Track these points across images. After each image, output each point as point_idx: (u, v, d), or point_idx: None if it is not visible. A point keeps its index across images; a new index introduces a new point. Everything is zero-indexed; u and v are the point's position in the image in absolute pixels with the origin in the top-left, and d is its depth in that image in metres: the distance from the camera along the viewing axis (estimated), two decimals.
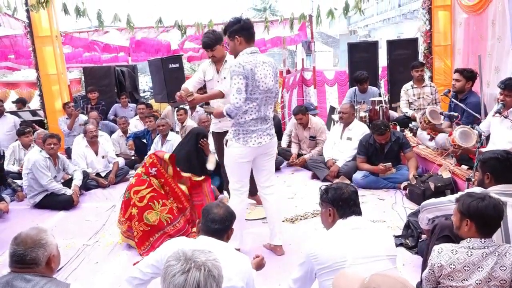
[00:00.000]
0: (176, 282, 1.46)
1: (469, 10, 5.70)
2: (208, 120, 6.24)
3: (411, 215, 3.63)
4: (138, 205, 3.66)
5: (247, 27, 3.22)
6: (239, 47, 3.23)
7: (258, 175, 3.50)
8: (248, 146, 3.24)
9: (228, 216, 2.29)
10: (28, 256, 1.89)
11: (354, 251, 2.06)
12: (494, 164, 2.57)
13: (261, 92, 3.18)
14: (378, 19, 21.76)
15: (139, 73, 12.34)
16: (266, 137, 3.31)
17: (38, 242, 1.93)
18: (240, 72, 3.07)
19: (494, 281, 2.12)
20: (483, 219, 2.16)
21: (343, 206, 2.21)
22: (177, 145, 5.10)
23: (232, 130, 3.29)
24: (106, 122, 7.86)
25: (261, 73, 3.15)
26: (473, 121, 4.31)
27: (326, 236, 2.22)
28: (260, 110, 3.23)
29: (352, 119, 5.67)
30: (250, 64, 3.10)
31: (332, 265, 2.06)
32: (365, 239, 2.12)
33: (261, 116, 3.25)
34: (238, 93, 3.08)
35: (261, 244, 3.70)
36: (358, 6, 6.71)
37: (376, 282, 1.44)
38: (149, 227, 3.65)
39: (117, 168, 5.97)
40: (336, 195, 2.24)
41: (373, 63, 7.60)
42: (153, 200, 3.69)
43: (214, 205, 2.34)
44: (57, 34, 7.85)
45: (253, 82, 3.12)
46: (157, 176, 3.79)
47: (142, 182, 3.73)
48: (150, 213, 3.66)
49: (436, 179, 4.38)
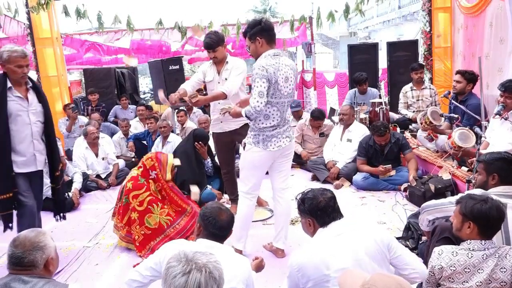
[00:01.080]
0: (177, 283, 1.46)
1: (467, 12, 5.71)
2: (207, 122, 6.24)
3: (412, 217, 3.63)
4: (138, 209, 3.66)
5: (268, 28, 3.17)
6: (261, 49, 3.16)
7: (275, 176, 3.46)
8: (268, 151, 3.22)
9: (232, 221, 2.30)
10: (26, 258, 1.89)
11: (337, 261, 2.00)
12: (502, 165, 2.57)
13: (282, 96, 3.14)
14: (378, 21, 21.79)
15: (140, 74, 12.37)
16: (285, 139, 3.28)
17: (37, 245, 1.93)
18: (263, 75, 3.02)
19: (494, 283, 2.12)
20: (487, 222, 2.16)
21: (322, 216, 2.15)
22: (177, 146, 5.12)
23: (252, 134, 3.26)
24: (107, 123, 7.86)
25: (283, 76, 3.10)
26: (474, 123, 4.31)
27: (309, 247, 2.13)
28: (281, 116, 3.20)
29: (352, 120, 5.67)
30: (273, 67, 3.06)
31: (316, 279, 2.02)
32: (348, 244, 2.05)
33: (281, 122, 3.23)
34: (260, 97, 3.02)
35: (261, 245, 3.69)
36: (358, 8, 6.72)
37: (373, 280, 1.46)
38: (150, 231, 3.65)
39: (117, 170, 5.97)
40: (313, 205, 2.17)
41: (373, 65, 7.61)
42: (152, 203, 3.68)
43: (218, 210, 2.27)
44: (58, 36, 7.87)
45: (275, 86, 3.08)
46: (155, 180, 3.78)
47: (140, 186, 3.72)
48: (150, 216, 3.66)
49: (436, 180, 4.38)
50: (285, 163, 3.42)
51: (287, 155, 3.40)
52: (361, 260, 2.02)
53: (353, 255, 2.02)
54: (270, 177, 3.49)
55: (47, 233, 2.04)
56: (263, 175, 3.40)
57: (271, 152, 3.24)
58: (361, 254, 2.03)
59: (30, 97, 3.37)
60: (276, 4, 32.53)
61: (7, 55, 3.21)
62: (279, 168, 3.42)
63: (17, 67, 3.22)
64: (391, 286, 1.43)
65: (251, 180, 3.35)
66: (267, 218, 4.33)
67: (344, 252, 2.03)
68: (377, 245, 2.08)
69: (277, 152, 3.27)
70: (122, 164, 6.25)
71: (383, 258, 2.09)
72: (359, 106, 6.43)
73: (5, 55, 3.21)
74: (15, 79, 3.27)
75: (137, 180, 3.75)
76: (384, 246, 2.10)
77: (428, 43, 6.89)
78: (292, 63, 3.26)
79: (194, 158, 4.65)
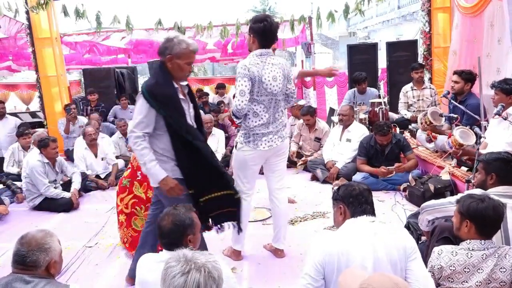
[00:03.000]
0: (176, 283, 1.46)
1: (466, 12, 5.70)
2: (211, 121, 6.23)
3: (411, 217, 3.63)
4: (125, 211, 3.63)
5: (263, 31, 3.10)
6: (252, 45, 3.17)
7: (270, 177, 3.44)
8: (258, 150, 3.19)
9: (174, 228, 2.04)
10: (29, 258, 1.90)
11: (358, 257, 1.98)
12: (500, 165, 2.57)
13: (268, 94, 3.13)
14: (377, 21, 21.81)
15: (139, 74, 12.35)
16: (277, 139, 3.26)
17: (42, 246, 1.94)
18: (245, 74, 3.04)
19: (494, 283, 2.12)
20: (483, 221, 2.16)
21: (353, 203, 2.14)
22: None
23: (242, 133, 3.24)
24: (107, 123, 7.86)
25: (268, 75, 3.10)
26: (473, 123, 4.31)
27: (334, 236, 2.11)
28: (269, 113, 3.18)
29: (352, 121, 5.67)
30: (256, 66, 3.06)
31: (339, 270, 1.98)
32: (373, 243, 2.02)
33: (270, 120, 3.20)
34: (241, 95, 3.03)
35: (261, 245, 3.69)
36: (358, 8, 6.73)
37: (371, 279, 1.47)
38: (137, 233, 3.59)
39: (116, 170, 5.96)
40: (347, 191, 2.19)
41: (372, 65, 7.62)
42: (135, 206, 3.59)
43: (161, 217, 2.13)
44: (57, 35, 7.86)
45: (259, 84, 3.07)
46: (142, 180, 3.61)
47: (123, 190, 3.65)
48: (136, 219, 3.61)
49: (436, 180, 4.39)
50: (279, 163, 3.40)
51: (280, 154, 3.37)
52: (381, 263, 1.99)
53: (375, 255, 1.99)
54: (265, 177, 3.48)
55: (55, 236, 2.04)
56: (255, 175, 3.37)
57: (262, 152, 3.22)
58: (382, 256, 1.99)
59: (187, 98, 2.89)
60: (275, 4, 32.59)
61: (181, 50, 2.65)
62: (273, 168, 3.40)
63: (187, 64, 2.72)
64: (387, 285, 1.44)
65: (242, 179, 3.33)
66: (266, 218, 4.33)
67: (366, 250, 1.99)
68: (399, 252, 2.04)
69: (268, 152, 3.25)
70: (122, 164, 6.24)
71: (401, 267, 2.04)
72: (358, 106, 6.42)
73: (178, 49, 2.65)
74: (178, 77, 2.75)
75: (121, 183, 3.69)
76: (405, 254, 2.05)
77: (427, 43, 6.89)
78: (282, 62, 3.22)
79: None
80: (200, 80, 11.96)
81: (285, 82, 3.24)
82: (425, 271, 2.09)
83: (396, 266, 2.01)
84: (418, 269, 2.05)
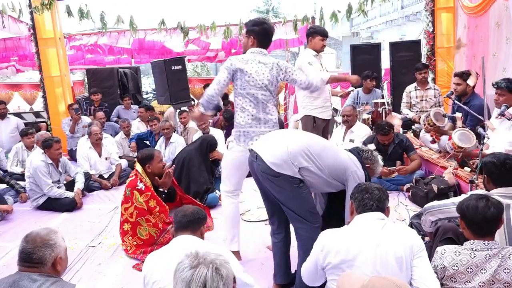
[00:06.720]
0: (183, 276, 1.48)
1: (470, 12, 5.68)
2: (205, 122, 6.23)
3: (414, 217, 3.62)
4: (130, 220, 3.66)
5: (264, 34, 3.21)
6: (250, 47, 3.22)
7: None
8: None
9: (198, 211, 2.40)
10: (35, 255, 1.90)
11: (360, 252, 2.04)
12: (491, 168, 2.56)
13: (252, 87, 3.12)
14: (380, 21, 21.79)
15: (142, 74, 12.38)
16: None
17: (47, 242, 1.94)
18: (226, 67, 3.13)
19: (497, 284, 2.11)
20: (470, 220, 2.18)
21: (358, 199, 2.23)
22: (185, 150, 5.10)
23: (234, 131, 3.26)
24: (111, 123, 7.88)
25: (252, 69, 3.12)
26: (477, 124, 4.29)
27: (338, 231, 2.18)
28: (257, 108, 3.16)
29: (355, 121, 5.66)
30: (241, 61, 3.12)
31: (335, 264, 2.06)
32: (377, 239, 2.06)
33: (260, 116, 3.17)
34: (216, 84, 3.14)
35: (264, 245, 3.69)
36: (361, 8, 6.71)
37: (372, 283, 1.46)
38: (142, 241, 3.65)
39: (120, 170, 5.97)
40: (355, 189, 2.30)
41: (375, 65, 7.59)
42: (138, 217, 3.64)
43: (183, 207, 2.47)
44: (61, 36, 7.90)
45: (242, 77, 3.11)
46: (144, 190, 3.65)
47: (126, 200, 3.69)
48: (141, 228, 3.64)
49: (439, 181, 4.37)
50: None
51: None
52: (384, 257, 2.03)
53: (377, 249, 2.04)
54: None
55: (59, 233, 2.04)
56: (245, 174, 3.37)
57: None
58: (387, 250, 2.04)
59: None
60: (279, 5, 32.55)
61: None
62: None
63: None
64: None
65: (231, 180, 3.34)
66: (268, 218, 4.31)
67: (369, 245, 2.05)
68: (405, 249, 2.06)
69: None
70: (125, 165, 6.26)
71: (407, 263, 2.06)
72: (362, 106, 6.40)
73: None
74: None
75: (125, 192, 3.73)
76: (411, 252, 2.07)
77: (431, 43, 6.88)
78: (272, 61, 3.18)
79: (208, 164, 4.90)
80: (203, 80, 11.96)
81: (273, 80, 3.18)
82: (430, 269, 2.10)
83: (401, 262, 2.04)
84: (423, 266, 2.07)
